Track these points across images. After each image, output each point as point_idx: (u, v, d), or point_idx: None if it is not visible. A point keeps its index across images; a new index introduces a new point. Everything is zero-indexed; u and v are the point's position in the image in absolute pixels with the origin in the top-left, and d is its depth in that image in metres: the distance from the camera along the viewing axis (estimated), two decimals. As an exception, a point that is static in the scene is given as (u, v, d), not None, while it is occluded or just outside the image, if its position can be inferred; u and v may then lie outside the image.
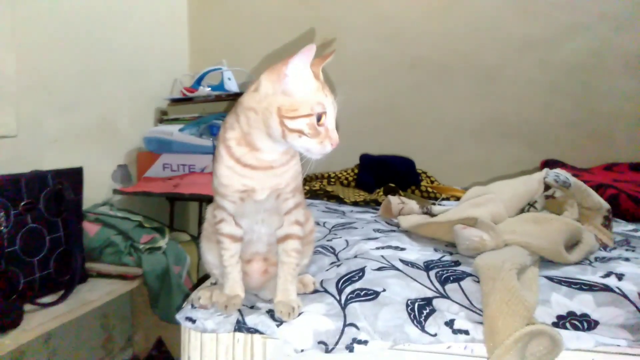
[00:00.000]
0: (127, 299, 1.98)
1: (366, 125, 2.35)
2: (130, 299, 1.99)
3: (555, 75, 2.26)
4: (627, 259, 0.92)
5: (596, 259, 0.95)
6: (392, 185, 1.66)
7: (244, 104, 0.72)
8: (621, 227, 1.36)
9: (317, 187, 1.68)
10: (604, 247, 1.04)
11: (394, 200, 1.27)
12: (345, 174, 1.92)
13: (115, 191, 1.89)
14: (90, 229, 1.63)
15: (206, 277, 0.95)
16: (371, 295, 0.79)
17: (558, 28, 2.23)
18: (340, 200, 1.56)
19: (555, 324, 0.74)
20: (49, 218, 1.34)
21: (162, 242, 1.69)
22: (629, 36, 2.18)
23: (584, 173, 2.07)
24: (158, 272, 1.61)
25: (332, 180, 1.88)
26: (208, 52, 2.59)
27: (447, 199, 1.73)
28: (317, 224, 1.25)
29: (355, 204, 1.54)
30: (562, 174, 1.07)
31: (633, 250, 1.01)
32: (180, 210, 2.36)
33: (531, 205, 1.07)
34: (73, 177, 1.45)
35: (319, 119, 0.68)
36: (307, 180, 1.91)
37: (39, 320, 1.22)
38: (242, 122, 0.72)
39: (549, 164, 2.17)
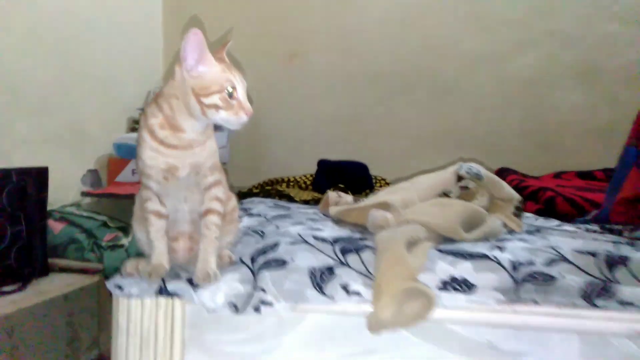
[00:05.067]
0: (93, 299, 2.05)
1: (329, 135, 2.47)
2: (97, 299, 2.05)
3: (507, 88, 2.40)
4: (522, 239, 1.03)
5: (497, 240, 1.05)
6: (342, 186, 1.76)
7: (165, 93, 0.83)
8: (547, 222, 1.46)
9: (270, 188, 1.79)
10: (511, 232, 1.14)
11: (332, 195, 1.38)
12: (304, 178, 2.03)
13: (83, 193, 1.98)
14: (55, 226, 1.72)
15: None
16: (280, 264, 0.88)
17: (509, 44, 2.38)
18: (291, 199, 1.67)
19: (440, 288, 0.84)
20: (11, 212, 1.43)
21: (125, 240, 1.77)
22: (575, 52, 2.32)
23: (530, 179, 2.19)
24: (119, 267, 1.69)
25: (292, 183, 1.99)
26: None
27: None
28: (260, 216, 1.35)
29: (305, 202, 1.64)
30: (475, 167, 1.18)
31: (534, 235, 1.11)
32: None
33: (447, 195, 1.17)
34: (38, 176, 1.54)
35: (231, 95, 0.79)
36: (267, 183, 2.01)
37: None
38: (164, 108, 0.83)
39: (502, 171, 2.29)
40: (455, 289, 0.83)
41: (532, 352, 0.80)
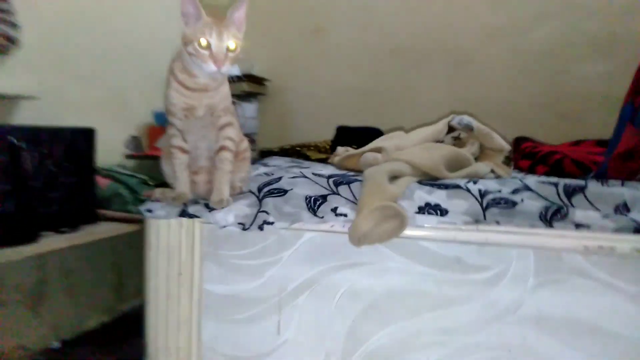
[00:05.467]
0: (136, 248, 2.29)
1: (350, 105, 2.61)
2: (140, 248, 2.30)
3: (525, 60, 2.44)
4: (497, 177, 1.15)
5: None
6: (355, 147, 1.90)
7: (181, 42, 1.00)
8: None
9: (289, 148, 1.95)
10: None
11: (341, 149, 1.52)
12: (324, 143, 2.18)
13: (128, 156, 2.21)
14: (102, 182, 1.95)
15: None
16: (281, 193, 1.04)
17: (527, 16, 2.42)
18: (307, 158, 1.82)
19: (416, 212, 0.97)
20: (65, 165, 1.66)
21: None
22: (594, 23, 2.34)
23: (546, 146, 2.24)
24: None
25: (312, 148, 2.14)
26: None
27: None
28: (275, 166, 1.51)
29: (320, 161, 1.79)
30: (467, 118, 1.30)
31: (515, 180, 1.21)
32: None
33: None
34: (87, 136, 1.76)
35: (205, 46, 0.94)
36: (289, 147, 2.18)
37: (55, 242, 1.54)
38: (181, 55, 1.00)
39: (519, 140, 2.35)
40: (429, 212, 0.97)
41: (493, 266, 0.93)
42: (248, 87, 2.64)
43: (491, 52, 2.49)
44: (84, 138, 1.75)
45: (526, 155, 2.01)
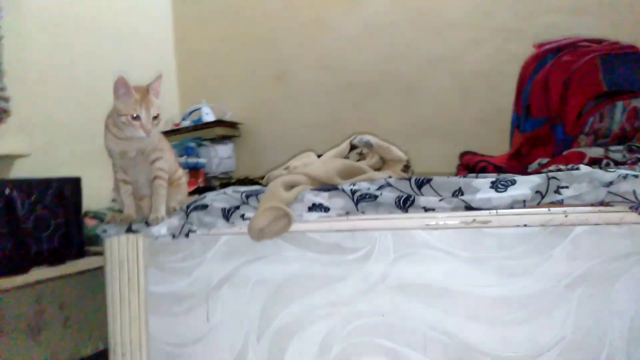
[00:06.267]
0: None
1: (315, 138, 2.88)
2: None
3: (463, 82, 2.72)
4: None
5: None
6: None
7: (114, 111, 1.29)
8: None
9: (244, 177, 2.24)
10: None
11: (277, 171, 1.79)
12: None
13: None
14: (90, 223, 2.25)
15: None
16: (204, 207, 1.31)
17: (460, 43, 2.72)
18: (259, 184, 2.10)
19: (307, 211, 1.23)
20: (53, 208, 1.97)
21: (142, 231, 2.27)
22: (519, 43, 2.62)
23: (486, 157, 2.48)
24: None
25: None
26: (194, 96, 3.27)
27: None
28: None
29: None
30: (366, 137, 1.56)
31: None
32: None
33: (347, 160, 1.55)
34: (72, 183, 2.08)
35: (136, 117, 1.24)
36: (244, 178, 2.46)
37: (45, 272, 1.82)
38: (113, 115, 1.29)
39: (464, 154, 2.60)
40: (316, 210, 1.22)
41: (363, 247, 1.17)
42: (222, 131, 2.96)
43: (433, 78, 2.77)
44: (71, 186, 2.06)
45: (464, 167, 2.26)
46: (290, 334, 1.21)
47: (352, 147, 1.58)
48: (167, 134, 2.91)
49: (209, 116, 3.01)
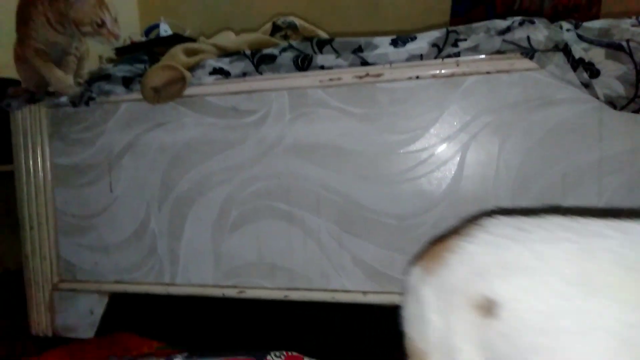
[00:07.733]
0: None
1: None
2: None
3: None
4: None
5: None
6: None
7: None
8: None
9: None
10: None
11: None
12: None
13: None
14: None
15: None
16: (106, 78, 1.26)
17: None
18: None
19: (208, 75, 1.18)
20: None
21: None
22: None
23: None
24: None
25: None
26: (154, 15, 3.14)
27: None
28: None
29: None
30: (290, 18, 1.49)
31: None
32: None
33: (270, 41, 1.49)
34: None
35: (101, 25, 1.16)
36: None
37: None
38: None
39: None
40: (217, 74, 1.17)
41: (259, 109, 1.13)
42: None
43: None
44: None
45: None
46: (190, 200, 1.19)
47: (276, 30, 1.51)
48: (124, 51, 2.82)
49: (167, 34, 2.90)
